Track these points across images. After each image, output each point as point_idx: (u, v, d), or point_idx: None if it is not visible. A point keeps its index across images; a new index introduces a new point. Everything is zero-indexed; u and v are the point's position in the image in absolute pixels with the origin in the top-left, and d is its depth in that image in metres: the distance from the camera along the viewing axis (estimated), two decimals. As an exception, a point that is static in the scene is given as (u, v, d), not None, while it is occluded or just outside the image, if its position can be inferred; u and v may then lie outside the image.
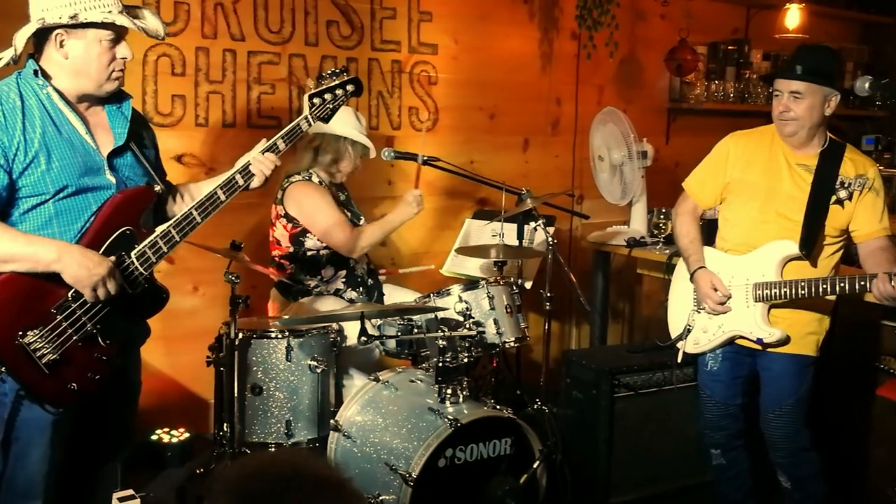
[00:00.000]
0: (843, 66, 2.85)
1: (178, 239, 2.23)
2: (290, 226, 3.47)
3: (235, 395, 3.02)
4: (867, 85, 2.73)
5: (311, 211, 3.42)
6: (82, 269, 2.05)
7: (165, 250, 2.22)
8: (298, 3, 3.86)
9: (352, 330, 3.17)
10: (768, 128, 2.86)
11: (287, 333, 3.09)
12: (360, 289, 3.57)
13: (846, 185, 2.71)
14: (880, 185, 2.74)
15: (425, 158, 3.51)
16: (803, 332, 2.79)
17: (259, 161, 2.35)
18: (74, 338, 2.10)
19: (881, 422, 3.18)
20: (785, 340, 2.75)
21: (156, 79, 3.55)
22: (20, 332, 2.02)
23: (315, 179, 3.47)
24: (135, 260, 2.17)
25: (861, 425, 3.28)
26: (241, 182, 2.33)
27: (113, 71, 2.17)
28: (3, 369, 2.02)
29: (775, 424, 2.83)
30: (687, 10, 5.09)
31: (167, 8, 3.52)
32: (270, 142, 2.39)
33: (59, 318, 2.07)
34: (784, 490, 2.91)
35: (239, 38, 3.73)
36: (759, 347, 2.80)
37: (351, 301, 3.52)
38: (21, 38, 2.10)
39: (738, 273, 2.81)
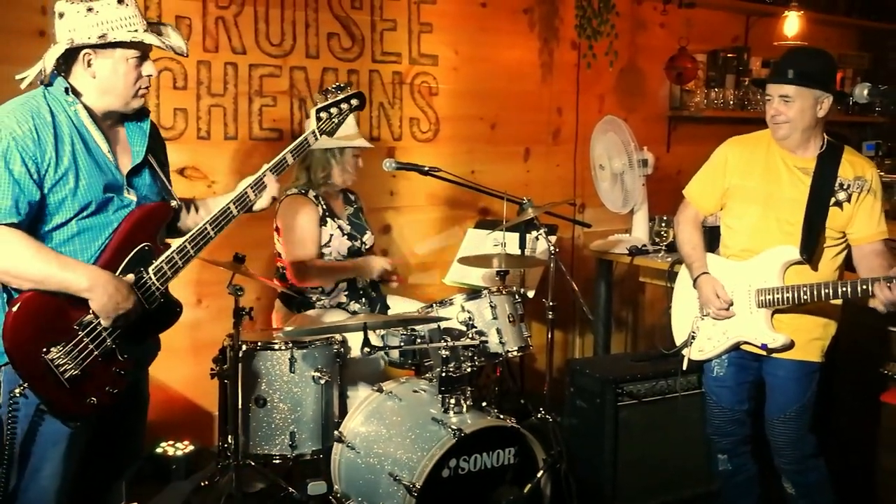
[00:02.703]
0: (835, 67, 2.84)
1: (192, 253, 2.26)
2: (280, 238, 3.49)
3: (239, 407, 3.02)
4: (866, 92, 2.73)
5: (286, 228, 3.45)
6: (111, 301, 2.07)
7: (181, 265, 2.24)
8: (299, 15, 3.88)
9: (355, 341, 3.16)
10: (765, 132, 2.86)
11: (290, 345, 3.09)
12: (363, 300, 3.58)
13: (845, 187, 2.71)
14: (878, 187, 2.75)
15: (427, 169, 3.53)
16: (808, 338, 2.78)
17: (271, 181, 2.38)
18: (95, 353, 2.11)
19: (888, 429, 3.17)
20: (789, 346, 2.75)
21: (158, 92, 3.57)
22: (44, 349, 2.03)
23: (311, 194, 3.47)
24: (152, 275, 2.19)
25: (868, 432, 3.27)
26: (252, 197, 2.38)
27: (139, 88, 2.20)
28: (25, 385, 2.02)
29: (780, 430, 2.83)
30: (686, 19, 5.11)
31: (169, 22, 3.52)
32: (279, 157, 2.42)
33: (81, 334, 2.08)
34: (789, 497, 2.90)
35: (240, 51, 3.75)
36: (764, 353, 2.80)
37: (354, 312, 3.52)
38: (50, 58, 2.10)
39: (740, 279, 2.81)
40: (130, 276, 2.14)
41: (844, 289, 2.59)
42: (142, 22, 2.16)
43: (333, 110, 2.51)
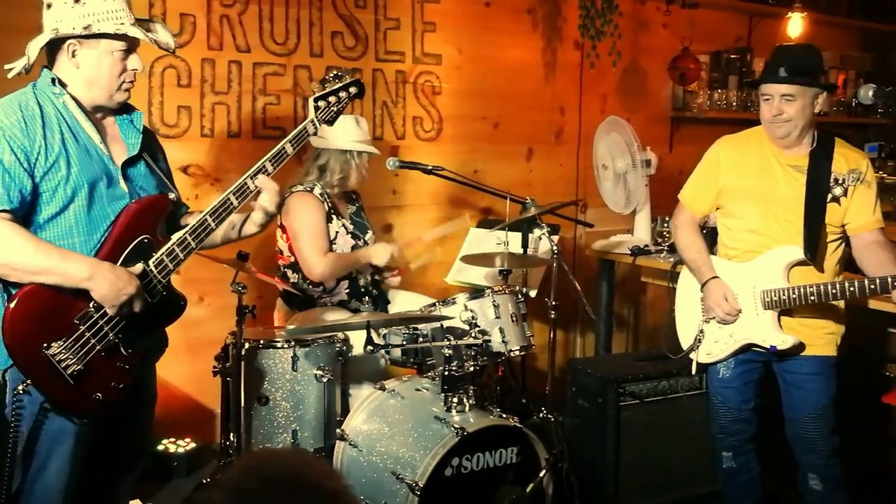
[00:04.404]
0: (822, 61, 2.85)
1: (194, 245, 2.24)
2: (285, 236, 3.49)
3: (242, 404, 3.02)
4: (871, 93, 2.74)
5: (297, 226, 3.44)
6: (113, 288, 2.06)
7: (182, 257, 2.22)
8: (303, 14, 3.88)
9: (357, 339, 3.17)
10: (755, 130, 2.86)
11: (293, 343, 3.09)
12: (365, 299, 3.58)
13: (840, 182, 2.71)
14: (872, 177, 2.75)
15: (430, 168, 3.53)
16: (822, 333, 2.78)
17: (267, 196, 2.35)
18: (98, 348, 2.10)
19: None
20: (799, 347, 2.74)
21: (162, 90, 3.57)
22: (45, 345, 2.02)
23: (317, 191, 3.48)
24: (153, 268, 2.18)
25: (869, 434, 3.27)
26: (251, 187, 2.34)
27: (124, 82, 2.19)
28: (28, 382, 2.02)
29: (812, 427, 2.80)
30: (689, 19, 5.12)
31: (173, 20, 3.54)
32: (279, 147, 2.39)
33: (83, 328, 2.07)
34: (813, 493, 2.86)
35: (244, 49, 3.75)
36: (773, 354, 2.79)
37: (356, 310, 3.53)
38: (34, 47, 2.11)
39: (744, 281, 2.81)
40: (139, 266, 2.13)
41: (852, 288, 2.57)
42: (129, 16, 2.15)
43: (332, 99, 2.49)
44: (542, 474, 2.85)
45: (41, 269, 2.01)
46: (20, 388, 2.02)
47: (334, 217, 3.50)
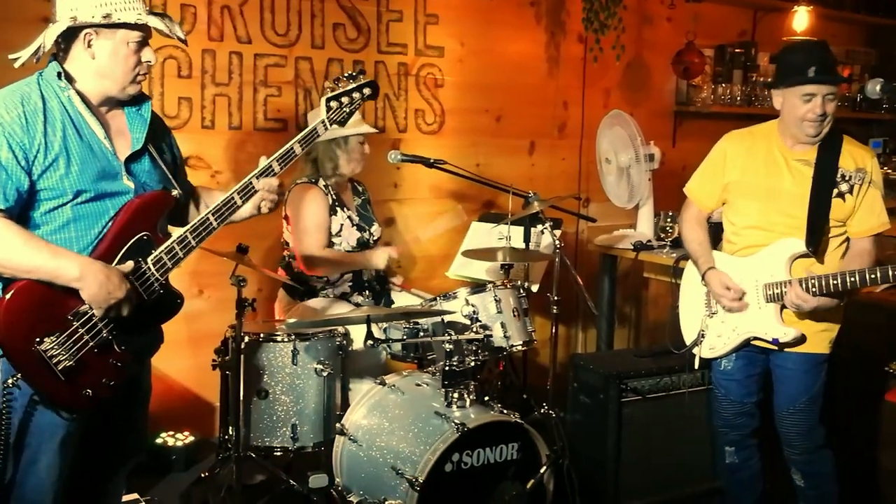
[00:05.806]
0: None
1: (194, 244, 2.21)
2: (290, 227, 3.48)
3: (241, 398, 3.01)
4: (879, 87, 2.71)
5: (298, 216, 3.43)
6: (102, 289, 2.03)
7: (182, 255, 2.20)
8: (305, 5, 3.85)
9: (358, 333, 3.16)
10: (763, 126, 2.85)
11: (293, 337, 3.07)
12: (367, 292, 3.56)
13: (847, 179, 2.70)
14: (879, 177, 2.75)
15: (432, 161, 3.50)
16: (816, 330, 2.77)
17: (261, 196, 2.32)
18: (91, 344, 2.07)
19: (891, 427, 3.16)
20: (801, 339, 2.74)
21: (162, 81, 3.55)
22: (37, 339, 1.99)
23: (321, 184, 3.46)
24: (151, 266, 2.15)
25: (871, 431, 3.26)
26: (257, 187, 2.31)
27: (137, 74, 2.16)
28: (18, 376, 2.00)
29: (790, 422, 2.82)
30: (694, 13, 5.08)
31: (174, 10, 3.51)
32: (287, 147, 2.36)
33: (76, 324, 2.05)
34: (797, 488, 2.89)
35: (245, 40, 3.72)
36: (774, 347, 2.78)
37: (357, 304, 3.51)
38: (51, 34, 2.07)
39: (746, 275, 2.80)
40: (129, 264, 2.10)
41: (853, 278, 2.56)
42: (144, 7, 2.13)
43: (345, 100, 2.46)
44: (542, 470, 2.84)
45: (31, 268, 1.98)
46: (10, 381, 2.00)
47: (339, 209, 3.48)
